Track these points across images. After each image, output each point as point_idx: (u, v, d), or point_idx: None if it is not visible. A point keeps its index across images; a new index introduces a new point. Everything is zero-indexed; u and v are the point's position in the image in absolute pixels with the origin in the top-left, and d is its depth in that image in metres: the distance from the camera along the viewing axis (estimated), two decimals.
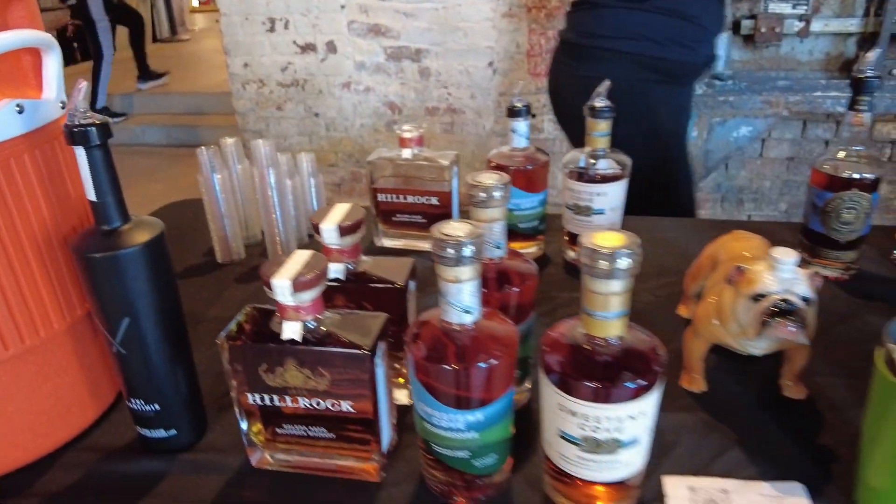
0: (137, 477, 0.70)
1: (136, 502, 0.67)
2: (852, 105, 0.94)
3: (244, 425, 0.68)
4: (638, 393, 0.55)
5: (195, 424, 0.75)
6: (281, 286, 0.59)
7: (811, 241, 1.01)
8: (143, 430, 0.72)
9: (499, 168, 1.06)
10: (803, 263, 1.01)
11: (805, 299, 0.65)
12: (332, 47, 2.97)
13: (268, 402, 0.66)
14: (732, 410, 0.76)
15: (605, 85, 1.01)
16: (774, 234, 1.17)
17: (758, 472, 0.67)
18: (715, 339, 0.75)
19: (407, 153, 1.11)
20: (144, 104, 5.78)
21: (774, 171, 2.69)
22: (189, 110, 5.58)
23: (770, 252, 0.67)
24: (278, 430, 0.68)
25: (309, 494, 0.67)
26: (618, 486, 0.61)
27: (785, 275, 0.66)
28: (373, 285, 0.73)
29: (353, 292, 0.73)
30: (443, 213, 1.13)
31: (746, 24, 2.17)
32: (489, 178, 0.66)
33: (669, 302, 0.97)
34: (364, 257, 0.75)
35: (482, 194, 0.66)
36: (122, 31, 5.68)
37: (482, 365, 0.58)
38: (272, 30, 3.00)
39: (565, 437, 0.58)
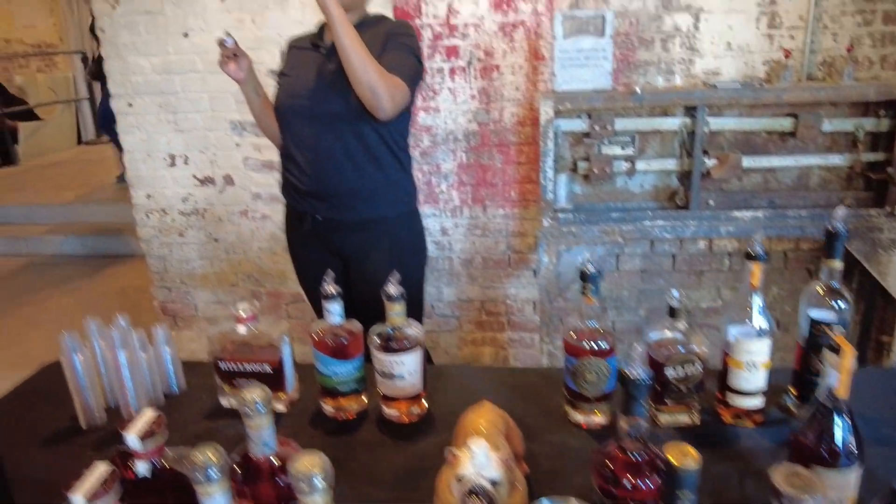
0: None
1: None
2: (583, 291, 1.20)
3: None
4: None
5: None
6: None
7: (569, 394, 1.25)
8: None
9: (318, 339, 1.28)
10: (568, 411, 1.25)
11: (493, 481, 0.87)
12: (229, 180, 3.21)
13: None
14: None
15: (397, 276, 1.24)
16: (536, 385, 1.41)
17: None
18: None
19: (242, 329, 1.32)
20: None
21: (630, 281, 3.01)
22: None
23: (469, 441, 0.89)
24: None
25: None
26: None
27: (478, 459, 0.87)
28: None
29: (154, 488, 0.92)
30: (275, 378, 1.33)
31: (582, 166, 2.51)
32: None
33: None
34: (168, 451, 0.94)
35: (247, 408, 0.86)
36: None
37: None
38: (173, 165, 3.22)
39: None
